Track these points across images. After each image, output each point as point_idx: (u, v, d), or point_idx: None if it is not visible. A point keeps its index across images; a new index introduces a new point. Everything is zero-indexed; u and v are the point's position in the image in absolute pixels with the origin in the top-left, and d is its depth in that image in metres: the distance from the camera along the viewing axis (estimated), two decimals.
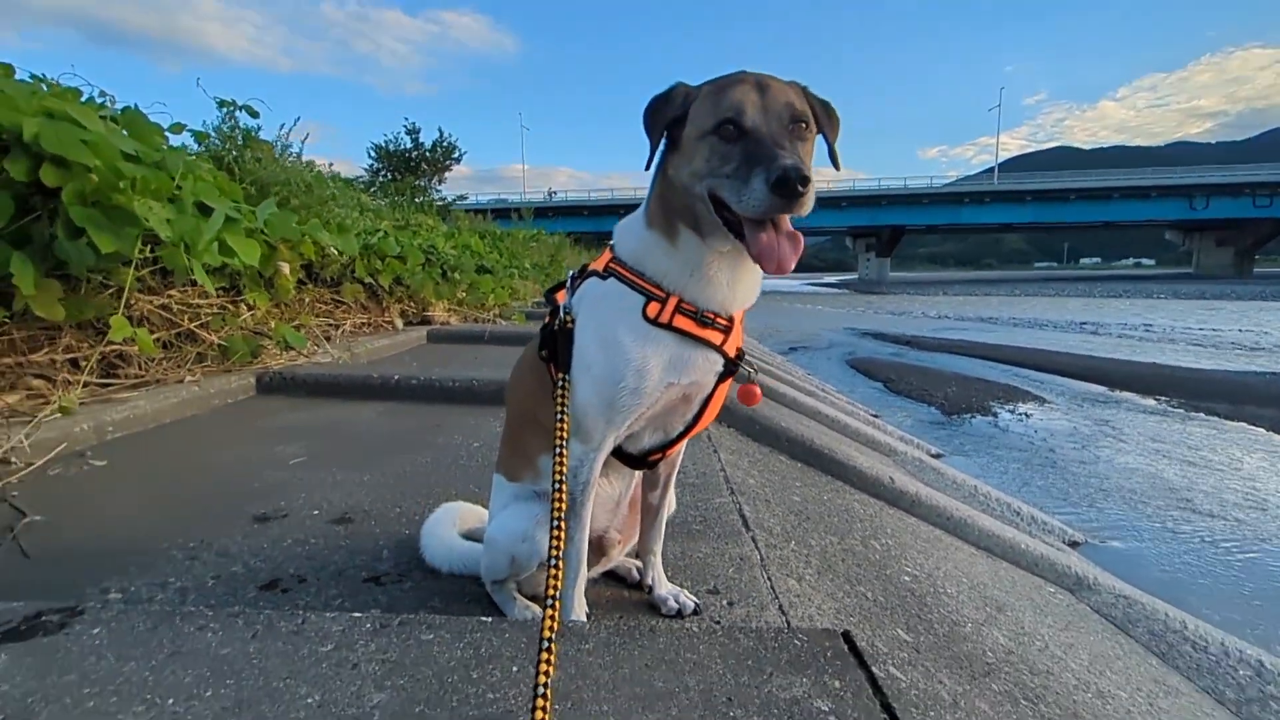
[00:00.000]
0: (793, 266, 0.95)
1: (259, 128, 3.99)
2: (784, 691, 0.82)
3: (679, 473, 2.19)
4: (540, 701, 0.76)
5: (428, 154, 24.11)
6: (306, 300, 4.00)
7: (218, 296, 3.17)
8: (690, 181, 1.00)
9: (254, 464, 2.22)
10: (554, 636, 0.83)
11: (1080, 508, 5.04)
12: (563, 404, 1.07)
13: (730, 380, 1.16)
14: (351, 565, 1.45)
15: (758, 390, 1.16)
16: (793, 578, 1.47)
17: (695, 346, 1.08)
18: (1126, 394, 9.43)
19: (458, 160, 25.07)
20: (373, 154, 24.35)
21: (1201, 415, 8.07)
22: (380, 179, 23.37)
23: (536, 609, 1.24)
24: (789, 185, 0.88)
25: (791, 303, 35.14)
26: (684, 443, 1.26)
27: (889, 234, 78.54)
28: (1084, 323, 20.39)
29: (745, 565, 1.48)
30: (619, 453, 1.19)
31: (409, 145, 24.35)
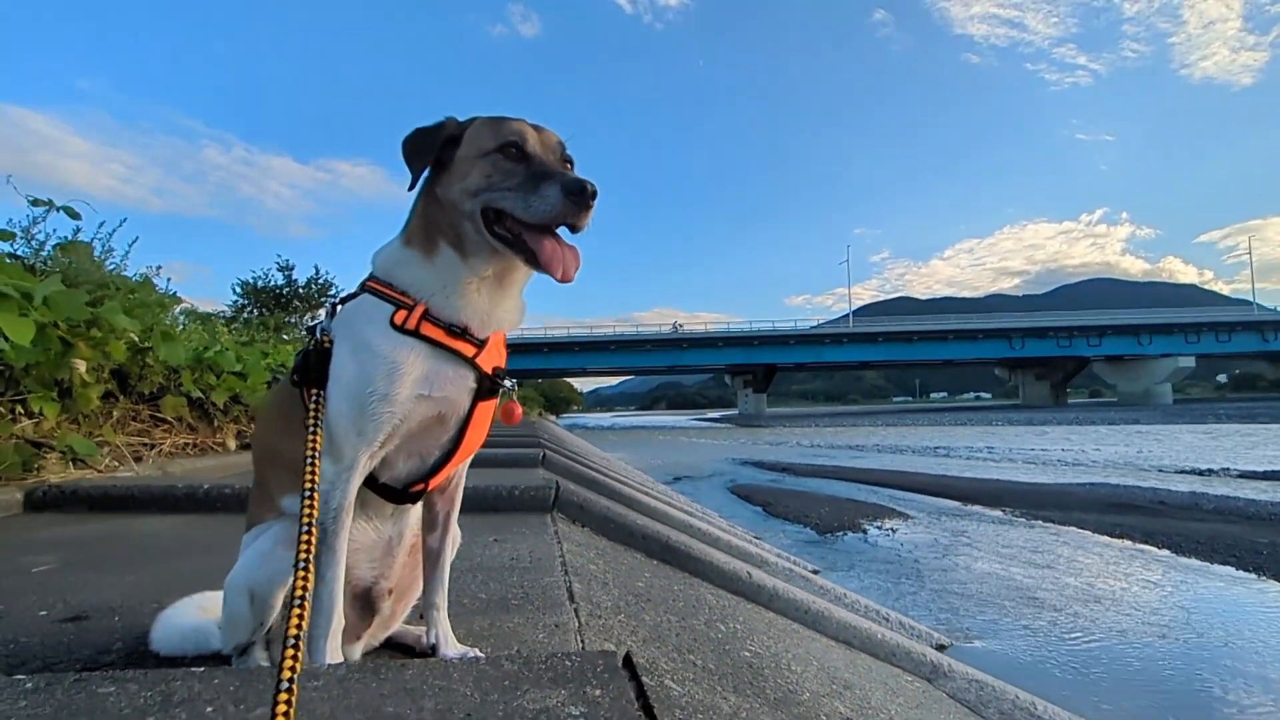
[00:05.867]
0: (575, 275, 1.01)
1: (78, 229, 3.71)
2: (534, 704, 0.72)
3: (513, 559, 2.05)
4: None
5: (301, 289, 23.30)
6: (115, 415, 3.54)
7: None
8: (461, 198, 1.04)
9: None
10: (295, 677, 0.70)
11: (945, 613, 5.20)
12: (315, 418, 1.00)
13: (492, 403, 1.13)
14: (66, 660, 1.17)
15: (518, 409, 1.17)
16: (611, 643, 1.36)
17: (446, 360, 1.06)
18: (976, 507, 10.17)
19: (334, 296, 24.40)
20: (239, 290, 23.20)
21: (1039, 522, 8.80)
22: (246, 315, 22.11)
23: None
24: (583, 191, 0.96)
25: (677, 437, 35.88)
26: (455, 473, 1.19)
27: (763, 371, 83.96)
28: (937, 447, 22.22)
29: (559, 632, 1.35)
30: (376, 486, 1.11)
31: (281, 282, 23.49)
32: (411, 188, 1.08)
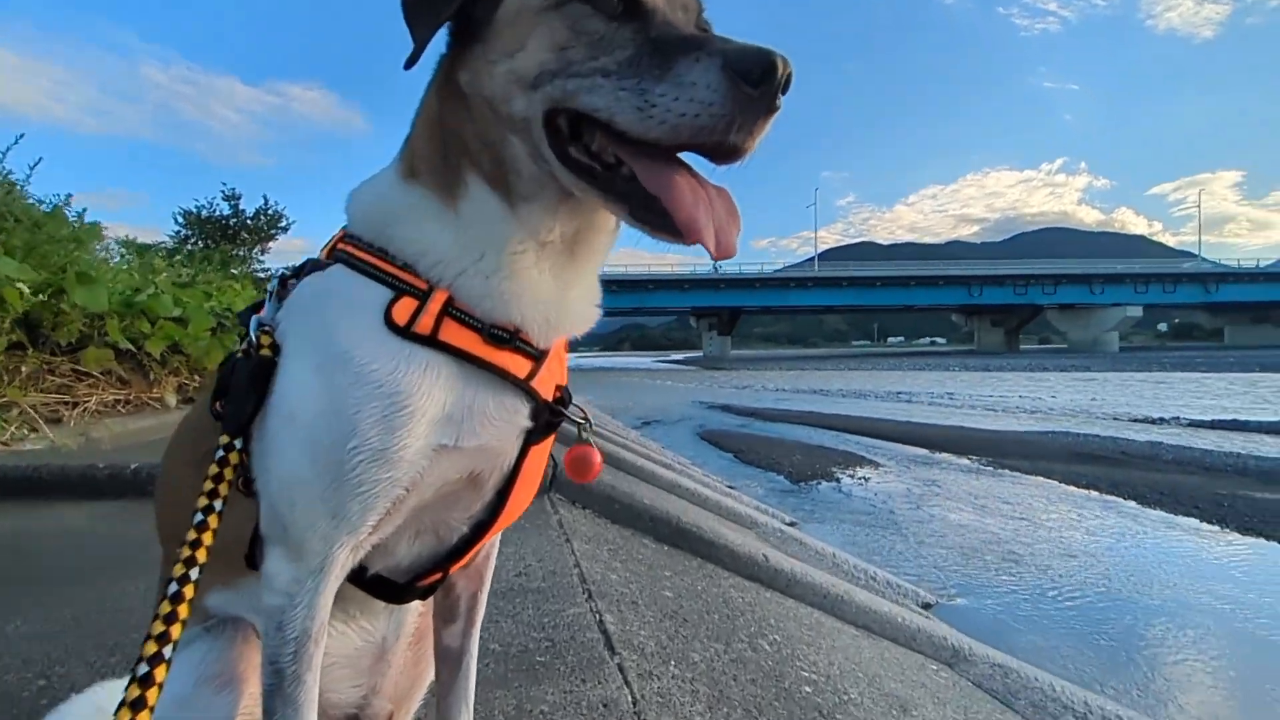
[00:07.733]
0: (736, 245, 0.56)
1: None
2: None
3: (522, 571, 1.71)
4: None
5: (249, 220, 21.90)
6: (25, 371, 3.00)
7: None
8: (506, 89, 0.57)
9: None
10: None
11: (926, 567, 5.13)
12: (219, 470, 0.59)
13: (547, 444, 0.70)
14: None
15: (596, 458, 0.71)
16: None
17: (485, 386, 0.62)
18: (945, 455, 10.24)
19: (284, 230, 23.02)
20: (180, 220, 21.68)
21: (1007, 471, 8.88)
22: (189, 247, 20.75)
23: None
24: (771, 71, 0.48)
25: (642, 378, 35.83)
26: (486, 548, 0.78)
27: (728, 314, 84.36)
28: (899, 393, 22.56)
29: (612, 712, 1.01)
30: (363, 579, 0.68)
31: (227, 212, 22.02)
32: (409, 66, 0.59)
